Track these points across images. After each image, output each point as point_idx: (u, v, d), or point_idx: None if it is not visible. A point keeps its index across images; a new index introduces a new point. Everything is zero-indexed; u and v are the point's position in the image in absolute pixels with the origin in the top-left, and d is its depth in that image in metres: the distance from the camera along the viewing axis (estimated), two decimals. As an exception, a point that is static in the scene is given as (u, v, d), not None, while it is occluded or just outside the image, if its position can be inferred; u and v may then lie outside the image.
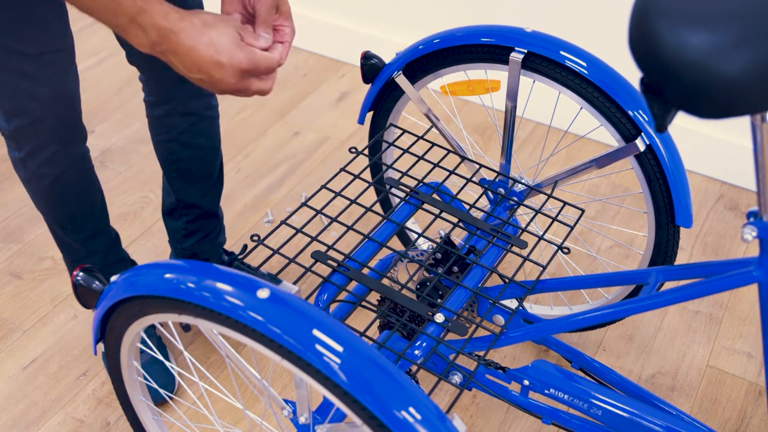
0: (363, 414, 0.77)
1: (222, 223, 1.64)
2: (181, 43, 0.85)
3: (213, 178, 1.54)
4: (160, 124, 1.45)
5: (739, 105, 0.74)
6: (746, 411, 1.48)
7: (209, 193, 1.55)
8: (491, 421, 1.46)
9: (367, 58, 1.39)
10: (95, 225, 1.43)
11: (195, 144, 1.47)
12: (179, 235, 1.60)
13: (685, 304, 1.68)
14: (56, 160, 1.29)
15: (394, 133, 1.51)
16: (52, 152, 1.27)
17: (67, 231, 1.41)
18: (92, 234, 1.44)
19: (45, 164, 1.28)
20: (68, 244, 1.44)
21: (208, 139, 1.49)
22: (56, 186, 1.32)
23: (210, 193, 1.55)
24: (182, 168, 1.50)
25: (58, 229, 1.41)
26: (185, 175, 1.51)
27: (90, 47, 2.49)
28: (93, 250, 1.45)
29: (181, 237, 1.60)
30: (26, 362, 1.58)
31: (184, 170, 1.50)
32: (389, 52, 1.90)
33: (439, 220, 1.37)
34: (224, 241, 1.65)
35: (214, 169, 1.53)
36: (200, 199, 1.54)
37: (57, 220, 1.39)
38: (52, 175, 1.30)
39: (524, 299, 1.12)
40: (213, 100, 1.45)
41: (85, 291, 0.99)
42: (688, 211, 1.24)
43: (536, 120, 2.18)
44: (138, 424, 1.19)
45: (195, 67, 0.87)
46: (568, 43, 1.24)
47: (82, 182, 1.37)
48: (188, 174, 1.51)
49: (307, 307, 0.81)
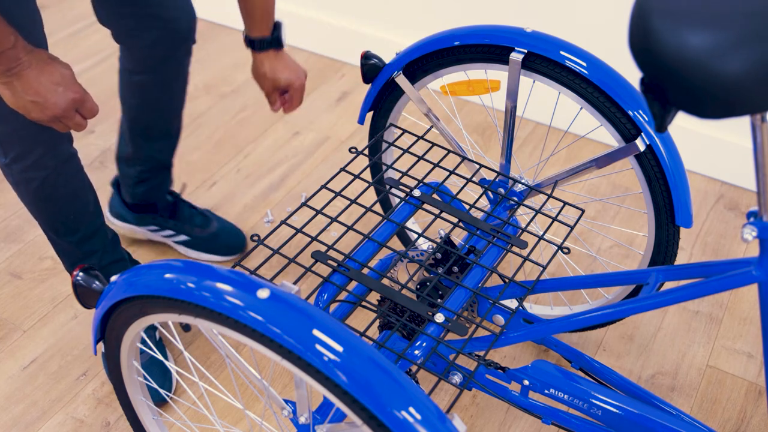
0: (363, 414, 0.77)
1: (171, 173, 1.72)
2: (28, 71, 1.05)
3: (173, 135, 1.62)
4: (131, 82, 1.52)
5: (739, 105, 0.74)
6: (746, 411, 1.48)
7: (166, 148, 1.63)
8: (491, 421, 1.46)
9: (367, 58, 1.39)
10: (89, 226, 1.43)
11: (161, 105, 1.55)
12: (131, 181, 1.66)
13: (685, 304, 1.68)
14: (42, 164, 1.29)
15: (394, 133, 1.51)
16: (38, 156, 1.28)
17: (61, 234, 1.41)
18: (87, 235, 1.43)
19: (31, 168, 1.29)
20: (64, 247, 1.44)
21: (175, 100, 1.57)
22: (44, 189, 1.32)
23: (167, 147, 1.63)
24: (145, 126, 1.57)
25: (52, 233, 1.41)
26: (146, 133, 1.58)
27: (89, 47, 2.49)
28: (89, 252, 1.45)
29: (133, 183, 1.66)
30: (26, 362, 1.58)
31: (147, 128, 1.58)
32: (389, 52, 1.90)
33: (439, 220, 1.37)
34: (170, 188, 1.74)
35: (176, 128, 1.62)
36: (157, 152, 1.62)
37: (49, 224, 1.39)
38: (38, 179, 1.31)
39: (524, 299, 1.12)
40: (188, 67, 1.55)
41: (85, 291, 0.99)
42: (688, 211, 1.24)
43: (536, 120, 2.18)
44: (138, 424, 1.19)
45: (33, 90, 1.06)
46: (568, 43, 1.24)
47: (72, 184, 1.37)
48: (150, 132, 1.58)
49: (307, 307, 0.81)
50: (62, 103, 1.09)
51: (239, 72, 2.42)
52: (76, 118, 1.13)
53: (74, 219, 1.40)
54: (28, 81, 1.06)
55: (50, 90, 1.07)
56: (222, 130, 2.18)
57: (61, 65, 1.10)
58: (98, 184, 1.97)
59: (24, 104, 1.08)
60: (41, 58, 1.07)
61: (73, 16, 2.39)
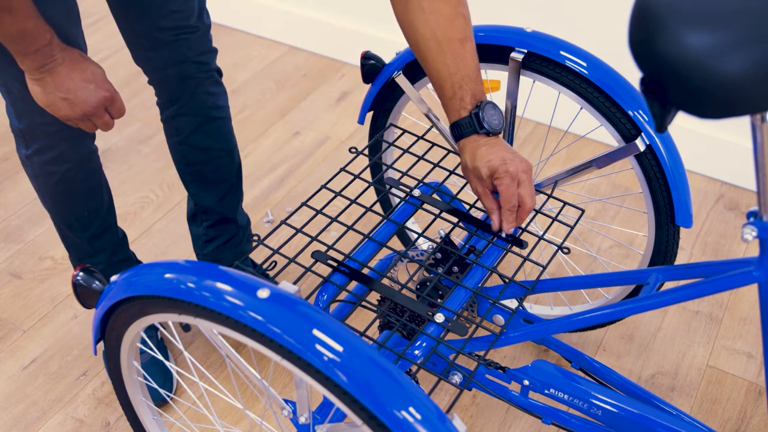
0: (363, 414, 0.77)
1: (245, 232, 1.62)
2: (61, 68, 1.06)
3: (229, 182, 1.53)
4: (170, 126, 1.46)
5: (739, 105, 0.74)
6: (746, 411, 1.48)
7: (226, 198, 1.54)
8: (491, 421, 1.46)
9: (367, 58, 1.39)
10: (102, 223, 1.44)
11: (205, 146, 1.47)
12: (201, 241, 1.60)
13: (685, 304, 1.68)
14: (63, 158, 1.30)
15: (394, 133, 1.51)
16: (60, 151, 1.28)
17: (74, 229, 1.41)
18: (99, 232, 1.44)
19: (52, 162, 1.29)
20: (74, 242, 1.44)
21: (219, 142, 1.49)
22: (63, 184, 1.33)
23: (227, 198, 1.54)
24: (196, 171, 1.50)
25: (65, 227, 1.41)
26: (200, 179, 1.51)
27: (91, 47, 2.49)
28: (99, 249, 1.46)
29: (203, 243, 1.59)
30: (26, 362, 1.58)
31: (198, 173, 1.51)
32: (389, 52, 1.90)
33: (439, 220, 1.37)
34: (248, 250, 1.62)
35: (230, 173, 1.53)
36: (217, 204, 1.54)
37: (63, 218, 1.40)
38: (58, 173, 1.31)
39: (524, 299, 1.12)
40: (219, 100, 1.45)
41: (85, 291, 0.99)
42: (688, 211, 1.24)
43: (536, 120, 2.18)
44: (138, 424, 1.19)
45: (64, 87, 1.07)
46: (568, 43, 1.24)
47: (90, 181, 1.37)
48: (202, 177, 1.51)
49: (307, 307, 0.81)
50: (93, 101, 1.09)
51: (239, 72, 2.42)
52: (105, 116, 1.14)
53: (88, 215, 1.40)
54: (60, 78, 1.07)
55: (81, 87, 1.08)
56: (222, 130, 2.18)
57: (93, 64, 1.11)
58: (98, 184, 1.97)
59: (54, 101, 1.08)
60: (74, 56, 1.08)
61: (73, 16, 2.39)
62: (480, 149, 1.06)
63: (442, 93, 1.09)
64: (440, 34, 1.05)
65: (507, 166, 1.04)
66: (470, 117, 1.06)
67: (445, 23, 1.05)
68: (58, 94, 1.08)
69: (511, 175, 1.04)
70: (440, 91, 1.09)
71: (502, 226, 1.08)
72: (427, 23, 1.05)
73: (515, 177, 1.04)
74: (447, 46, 1.05)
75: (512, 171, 1.04)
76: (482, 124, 1.06)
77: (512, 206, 1.06)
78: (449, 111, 1.09)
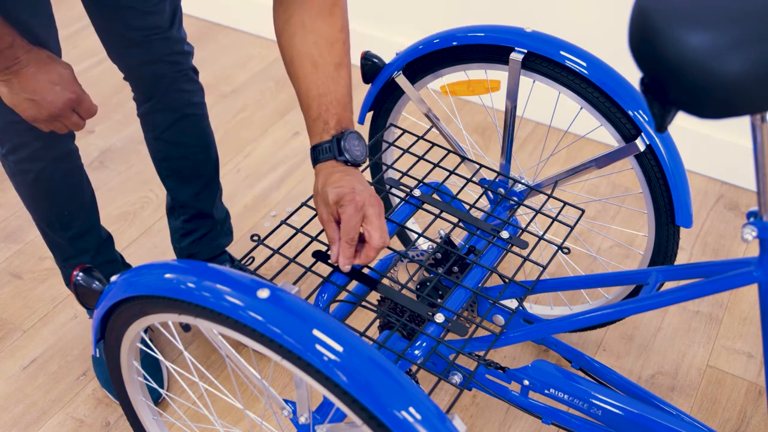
0: (363, 414, 0.77)
1: (223, 226, 1.63)
2: (27, 69, 1.05)
3: (205, 177, 1.54)
4: (146, 122, 1.48)
5: (739, 105, 0.74)
6: (746, 411, 1.48)
7: (202, 193, 1.55)
8: (491, 421, 1.46)
9: (367, 58, 1.39)
10: (83, 223, 1.44)
11: (181, 142, 1.49)
12: (177, 234, 1.61)
13: (685, 304, 1.68)
14: (36, 157, 1.29)
15: (394, 133, 1.51)
16: (33, 149, 1.28)
17: (55, 228, 1.41)
18: (80, 232, 1.44)
19: (26, 160, 1.29)
20: (56, 241, 1.44)
21: (194, 138, 1.50)
22: (40, 182, 1.33)
23: (203, 193, 1.55)
24: (171, 167, 1.52)
25: (45, 226, 1.42)
26: (176, 174, 1.53)
27: (89, 47, 2.49)
28: (82, 249, 1.46)
29: (179, 236, 1.61)
30: (26, 362, 1.58)
31: (174, 169, 1.52)
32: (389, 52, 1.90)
33: (439, 220, 1.37)
34: (226, 244, 1.65)
35: (206, 169, 1.54)
36: (193, 199, 1.55)
37: (43, 217, 1.40)
38: (33, 172, 1.31)
39: (524, 299, 1.12)
40: (195, 97, 1.46)
41: (85, 291, 0.99)
42: (688, 211, 1.24)
43: (536, 120, 2.18)
44: (138, 424, 1.19)
45: (30, 88, 1.06)
46: (568, 43, 1.24)
47: (69, 180, 1.37)
48: (178, 173, 1.53)
49: (307, 307, 0.81)
50: (59, 102, 1.09)
51: (239, 72, 2.42)
52: (73, 117, 1.13)
53: (68, 215, 1.40)
54: (26, 79, 1.06)
55: (47, 89, 1.08)
56: (222, 130, 2.18)
57: (61, 65, 1.10)
58: (98, 184, 1.97)
59: (20, 102, 1.08)
60: (41, 57, 1.08)
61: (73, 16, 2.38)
62: (334, 175, 1.04)
63: (308, 113, 1.07)
64: (317, 54, 1.04)
65: (354, 195, 1.00)
66: (331, 141, 1.05)
67: (324, 45, 1.05)
68: (23, 95, 1.07)
69: (357, 205, 0.99)
70: (306, 111, 1.07)
71: (338, 259, 1.02)
72: (306, 41, 1.05)
73: (360, 209, 1.00)
74: (322, 67, 1.04)
75: (358, 201, 1.00)
76: (342, 151, 1.04)
77: (350, 239, 1.00)
78: (312, 133, 1.07)
